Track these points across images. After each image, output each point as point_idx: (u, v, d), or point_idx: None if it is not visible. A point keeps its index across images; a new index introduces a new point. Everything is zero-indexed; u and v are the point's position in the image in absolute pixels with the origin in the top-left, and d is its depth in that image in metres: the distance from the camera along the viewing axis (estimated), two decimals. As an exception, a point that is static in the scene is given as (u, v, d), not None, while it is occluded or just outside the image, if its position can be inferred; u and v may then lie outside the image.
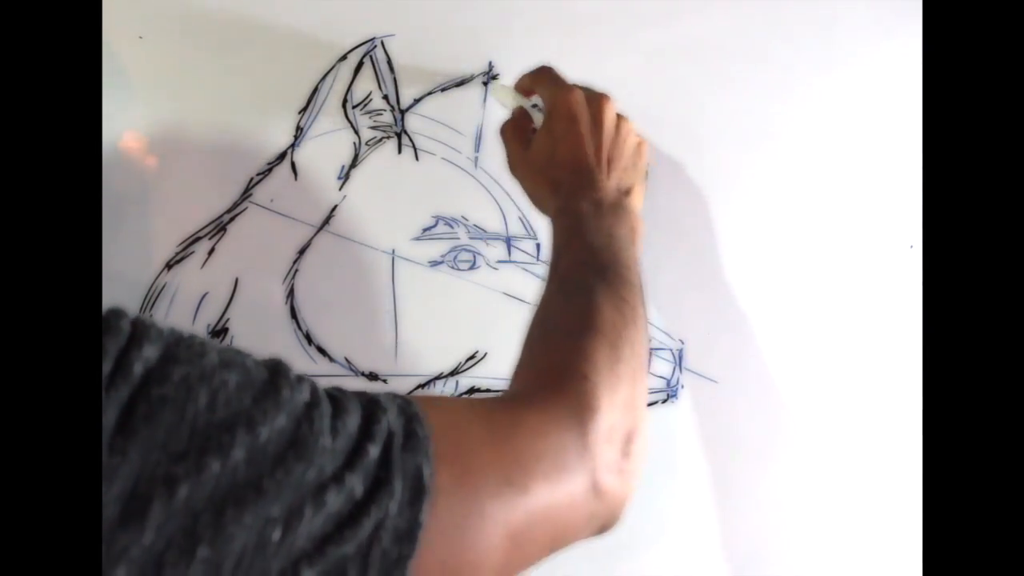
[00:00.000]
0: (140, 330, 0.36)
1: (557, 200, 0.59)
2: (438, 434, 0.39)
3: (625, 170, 0.62)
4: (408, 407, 0.40)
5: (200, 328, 0.69)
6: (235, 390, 0.35)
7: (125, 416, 0.33)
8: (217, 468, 0.33)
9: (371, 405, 0.39)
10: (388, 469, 0.37)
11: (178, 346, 0.36)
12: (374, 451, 0.37)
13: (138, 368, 0.34)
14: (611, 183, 0.60)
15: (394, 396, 0.40)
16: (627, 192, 0.61)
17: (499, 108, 0.70)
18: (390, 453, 0.37)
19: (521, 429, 0.42)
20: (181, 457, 0.33)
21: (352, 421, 0.38)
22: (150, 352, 0.35)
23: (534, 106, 0.66)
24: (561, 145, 0.61)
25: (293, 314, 0.70)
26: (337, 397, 0.39)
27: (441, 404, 0.43)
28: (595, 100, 0.62)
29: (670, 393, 0.70)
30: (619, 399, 0.45)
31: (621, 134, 0.62)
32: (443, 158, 0.70)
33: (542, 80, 0.65)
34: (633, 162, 0.63)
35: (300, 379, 0.38)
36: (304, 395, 0.37)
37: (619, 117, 0.63)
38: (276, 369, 0.38)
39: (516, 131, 0.66)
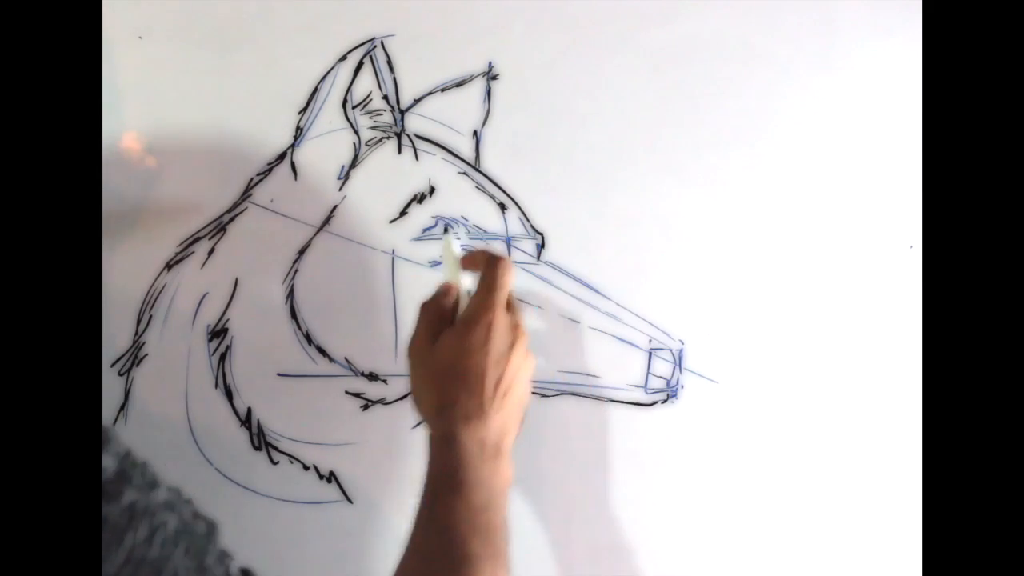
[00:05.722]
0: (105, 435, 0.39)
1: (442, 420, 0.58)
2: None
3: (512, 410, 0.59)
4: None
5: (200, 328, 0.69)
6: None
7: None
8: None
9: None
10: None
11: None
12: None
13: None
14: (496, 421, 0.58)
15: None
16: (506, 434, 0.59)
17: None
18: None
19: None
20: None
21: None
22: (108, 462, 0.38)
23: (468, 292, 0.62)
24: (468, 359, 0.58)
25: (293, 314, 0.70)
26: None
27: None
28: (515, 330, 0.60)
29: (670, 393, 0.70)
30: None
31: (524, 375, 0.60)
32: (443, 158, 0.70)
33: (490, 277, 0.60)
34: (520, 405, 0.61)
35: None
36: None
37: (527, 354, 0.61)
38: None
39: (435, 313, 0.61)
